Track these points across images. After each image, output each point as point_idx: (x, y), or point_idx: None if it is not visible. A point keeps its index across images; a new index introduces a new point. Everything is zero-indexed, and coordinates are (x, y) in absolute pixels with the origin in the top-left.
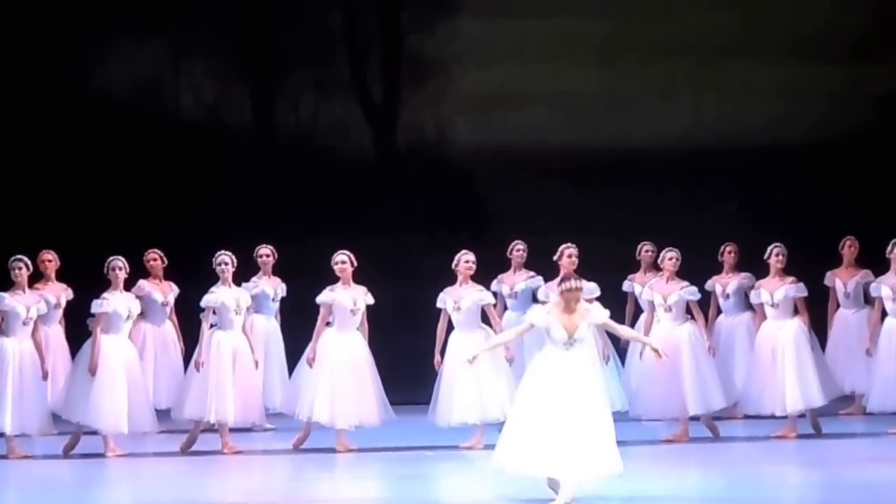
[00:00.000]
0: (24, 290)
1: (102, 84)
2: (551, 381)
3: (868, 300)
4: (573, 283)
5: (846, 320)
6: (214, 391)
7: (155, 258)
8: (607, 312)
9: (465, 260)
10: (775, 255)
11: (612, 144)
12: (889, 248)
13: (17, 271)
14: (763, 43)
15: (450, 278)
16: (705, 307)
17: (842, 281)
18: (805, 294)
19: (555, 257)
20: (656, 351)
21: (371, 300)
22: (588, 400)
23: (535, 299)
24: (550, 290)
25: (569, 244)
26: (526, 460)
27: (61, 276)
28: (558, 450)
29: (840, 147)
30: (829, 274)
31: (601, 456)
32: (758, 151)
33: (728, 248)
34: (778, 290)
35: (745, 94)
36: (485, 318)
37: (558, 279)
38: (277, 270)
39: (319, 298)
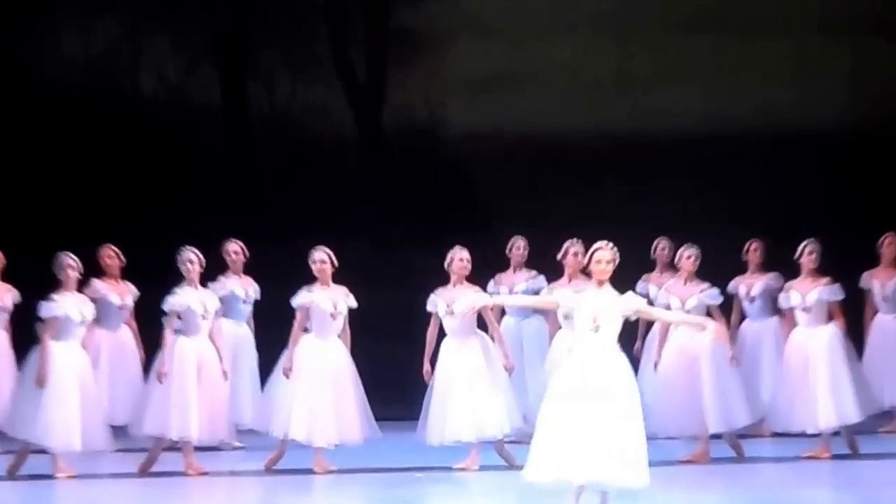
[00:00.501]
0: None
1: (52, 63)
2: (579, 380)
3: None
4: (606, 250)
5: (885, 326)
6: (178, 405)
7: (111, 255)
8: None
9: (458, 258)
10: (807, 252)
11: (622, 130)
12: None
13: None
14: (787, 19)
15: (442, 279)
16: (728, 311)
17: (880, 282)
18: (841, 297)
19: (559, 255)
20: (701, 326)
21: (353, 303)
22: (619, 400)
23: None
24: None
25: (574, 241)
26: (557, 469)
27: (5, 277)
28: (588, 454)
29: (877, 133)
30: (866, 275)
31: (628, 465)
32: (783, 138)
33: (753, 246)
34: (810, 292)
35: (767, 75)
36: (481, 324)
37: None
38: (249, 269)
39: (295, 301)
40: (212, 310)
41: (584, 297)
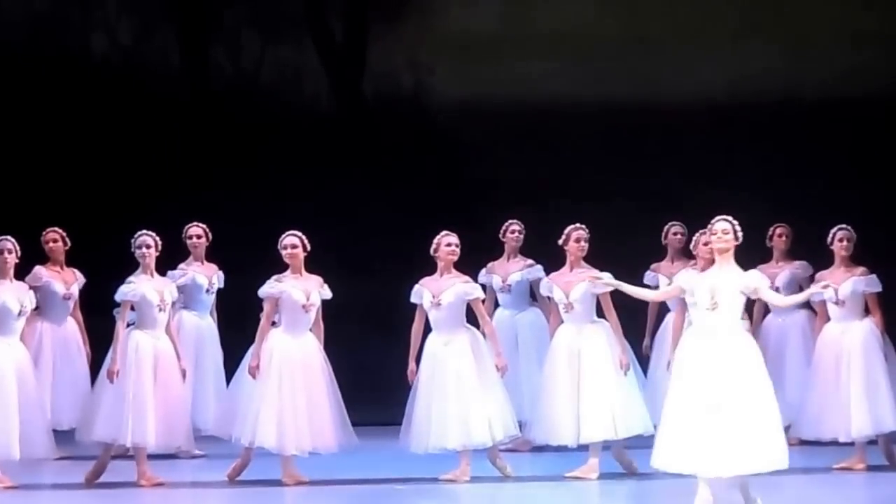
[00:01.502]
0: None
1: None
2: (704, 366)
3: None
4: (725, 222)
5: None
6: (132, 408)
7: (55, 239)
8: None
9: (446, 243)
10: (839, 239)
11: (633, 101)
12: None
13: None
14: None
15: (427, 267)
16: (750, 305)
17: None
18: (879, 289)
19: (560, 241)
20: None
21: (328, 294)
22: (747, 381)
23: (532, 295)
24: (555, 284)
25: (577, 225)
26: (688, 461)
27: None
28: (720, 448)
29: None
30: None
31: (766, 449)
32: (818, 110)
33: (778, 231)
34: (844, 283)
35: (802, 39)
36: (471, 317)
37: None
38: (212, 255)
39: (263, 291)
40: (170, 300)
41: (704, 276)
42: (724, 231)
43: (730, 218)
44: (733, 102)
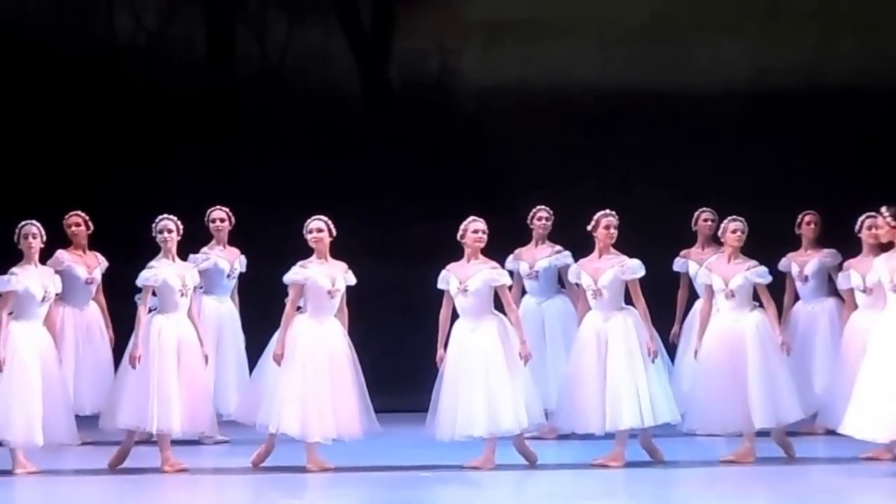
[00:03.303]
0: None
1: (14, 5)
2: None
3: None
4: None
5: None
6: (157, 394)
7: (78, 223)
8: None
9: (473, 229)
10: (867, 227)
11: (661, 87)
12: None
13: None
14: None
15: (454, 253)
16: (779, 293)
17: None
18: None
19: (589, 227)
20: None
21: (352, 279)
22: None
23: (561, 282)
24: (584, 270)
25: (607, 211)
26: (872, 426)
27: None
28: None
29: None
30: None
31: None
32: (844, 96)
33: (807, 218)
34: (872, 271)
35: (827, 26)
36: (498, 304)
37: None
38: (235, 239)
39: (288, 277)
40: (191, 285)
41: (884, 259)
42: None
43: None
44: (760, 89)
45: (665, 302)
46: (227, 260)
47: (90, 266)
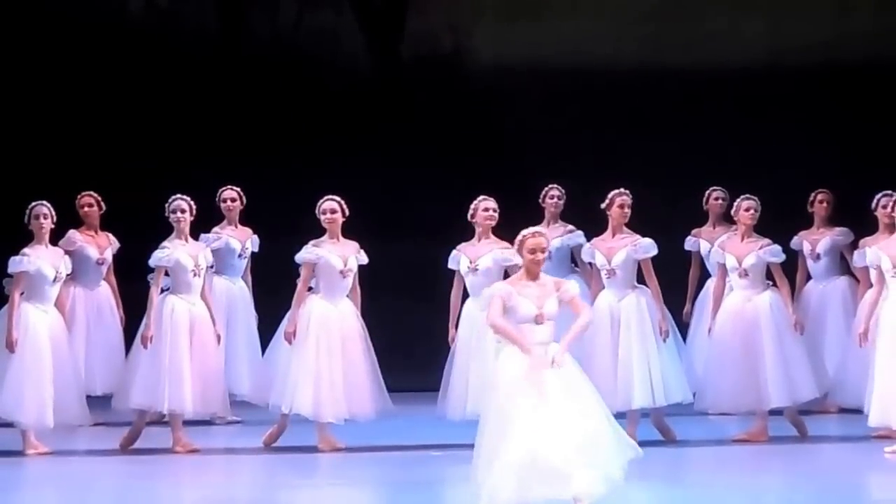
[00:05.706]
0: None
1: None
2: None
3: None
4: None
5: None
6: (169, 374)
7: (90, 203)
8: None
9: (483, 208)
10: (882, 206)
11: (675, 65)
12: None
13: None
14: None
15: (465, 232)
16: (791, 271)
17: None
18: None
19: (602, 205)
20: None
21: (364, 259)
22: None
23: (573, 261)
24: (597, 249)
25: (621, 190)
26: None
27: None
28: None
29: None
30: None
31: None
32: (859, 73)
33: (819, 197)
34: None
35: (844, 4)
36: None
37: None
38: (247, 219)
39: (300, 256)
40: (204, 265)
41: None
42: None
43: None
44: (775, 68)
45: (677, 280)
46: (239, 240)
47: (102, 246)
